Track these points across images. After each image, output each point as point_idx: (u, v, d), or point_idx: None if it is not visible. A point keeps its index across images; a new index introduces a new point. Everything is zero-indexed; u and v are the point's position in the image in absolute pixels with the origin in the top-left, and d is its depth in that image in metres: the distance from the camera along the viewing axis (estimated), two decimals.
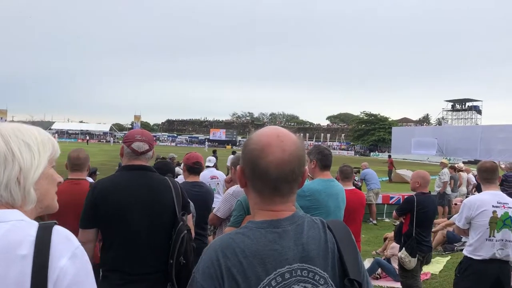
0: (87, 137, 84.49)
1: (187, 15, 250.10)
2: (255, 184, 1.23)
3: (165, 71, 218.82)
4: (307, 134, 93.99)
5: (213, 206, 4.22)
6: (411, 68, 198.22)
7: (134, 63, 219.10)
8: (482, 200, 3.73)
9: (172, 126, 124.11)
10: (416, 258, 4.80)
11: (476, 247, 3.65)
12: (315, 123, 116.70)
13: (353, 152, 76.78)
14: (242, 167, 1.25)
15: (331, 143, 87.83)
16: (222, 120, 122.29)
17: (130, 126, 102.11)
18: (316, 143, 78.85)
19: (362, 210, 4.78)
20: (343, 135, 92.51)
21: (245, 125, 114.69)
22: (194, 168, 4.27)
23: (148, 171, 2.56)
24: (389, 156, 25.84)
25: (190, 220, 2.77)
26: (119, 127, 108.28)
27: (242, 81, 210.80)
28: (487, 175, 3.84)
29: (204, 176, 7.27)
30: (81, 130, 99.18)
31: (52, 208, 1.24)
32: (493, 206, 3.62)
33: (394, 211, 5.29)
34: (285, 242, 1.17)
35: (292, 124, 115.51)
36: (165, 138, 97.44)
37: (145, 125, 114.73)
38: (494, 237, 3.59)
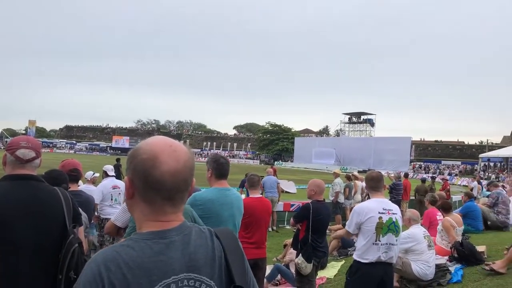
0: None
1: (86, 18, 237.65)
2: (147, 194, 1.21)
3: (64, 74, 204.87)
4: (214, 143, 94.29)
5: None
6: (313, 81, 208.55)
7: (30, 64, 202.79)
8: (369, 207, 4.00)
9: (71, 133, 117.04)
10: (312, 264, 5.02)
11: (364, 251, 3.90)
12: (223, 132, 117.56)
13: (258, 161, 78.40)
14: (131, 178, 1.23)
15: (238, 152, 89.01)
16: (126, 127, 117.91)
17: (23, 132, 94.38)
18: (223, 151, 79.30)
19: (268, 217, 4.92)
20: (249, 144, 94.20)
21: (150, 132, 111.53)
22: (72, 176, 4.08)
23: (35, 181, 2.39)
24: (272, 165, 25.30)
25: (81, 232, 2.64)
26: (10, 133, 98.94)
27: (148, 88, 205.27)
28: (373, 183, 4.16)
29: (105, 185, 6.98)
30: None
31: None
32: (379, 213, 3.90)
33: (292, 218, 5.49)
34: (171, 252, 1.17)
35: (200, 132, 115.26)
36: (63, 145, 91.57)
37: (41, 131, 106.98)
38: (380, 241, 3.86)
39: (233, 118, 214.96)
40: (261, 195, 4.93)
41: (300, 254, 5.03)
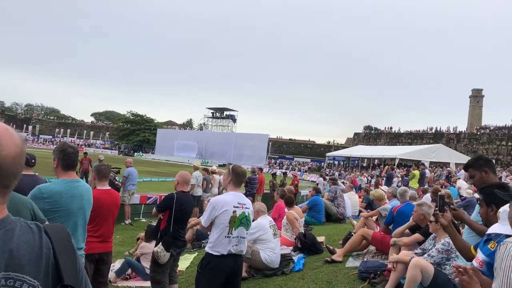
0: None
1: None
2: None
3: None
4: (69, 130, 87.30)
5: None
6: (179, 74, 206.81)
7: None
8: (225, 200, 4.07)
9: None
10: (170, 253, 5.02)
11: (216, 244, 3.97)
12: (78, 119, 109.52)
13: (117, 151, 75.02)
14: None
15: (95, 141, 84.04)
16: None
17: None
18: (78, 139, 74.02)
19: (116, 210, 4.74)
20: (107, 133, 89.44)
21: None
22: None
23: None
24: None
25: None
26: None
27: None
28: (237, 178, 4.22)
29: None
30: None
31: None
32: (234, 206, 4.01)
33: (154, 208, 5.46)
34: None
35: (52, 118, 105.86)
36: None
37: None
38: (232, 234, 3.97)
39: (91, 104, 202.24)
40: (110, 187, 4.72)
41: (160, 243, 5.00)
